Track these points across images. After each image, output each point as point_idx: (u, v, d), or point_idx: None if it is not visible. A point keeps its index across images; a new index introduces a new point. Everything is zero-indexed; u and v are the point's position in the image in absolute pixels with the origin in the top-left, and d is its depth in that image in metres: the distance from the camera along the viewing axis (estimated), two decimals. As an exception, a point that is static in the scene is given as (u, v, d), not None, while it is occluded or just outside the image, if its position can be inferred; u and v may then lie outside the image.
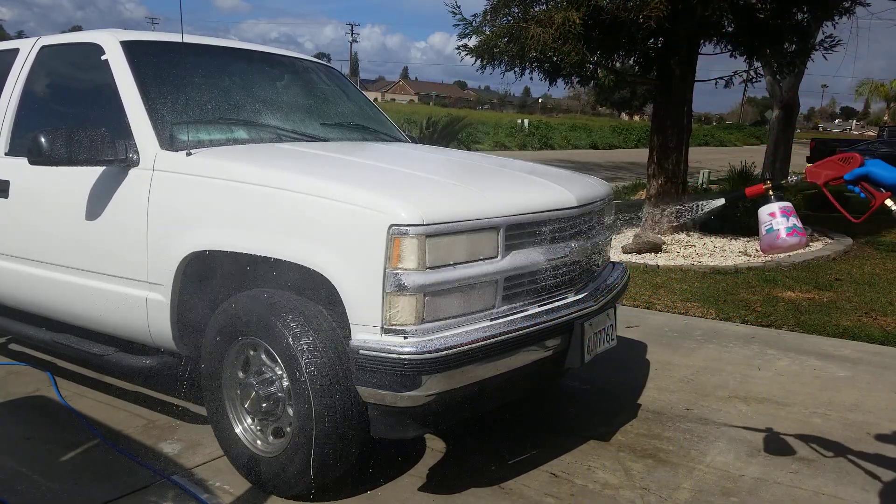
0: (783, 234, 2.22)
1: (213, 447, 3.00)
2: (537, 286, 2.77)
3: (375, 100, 9.70)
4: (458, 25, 8.14)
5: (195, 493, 2.71)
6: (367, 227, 2.36)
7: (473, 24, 8.09)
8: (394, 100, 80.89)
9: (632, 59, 8.96)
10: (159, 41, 3.45)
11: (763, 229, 2.27)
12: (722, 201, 2.45)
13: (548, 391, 3.85)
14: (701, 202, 2.50)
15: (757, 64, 8.53)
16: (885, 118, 53.52)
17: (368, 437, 2.55)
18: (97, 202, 3.04)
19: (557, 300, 2.87)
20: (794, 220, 2.23)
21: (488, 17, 7.99)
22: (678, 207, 2.57)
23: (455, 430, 3.25)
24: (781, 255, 6.69)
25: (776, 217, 2.23)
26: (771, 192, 2.25)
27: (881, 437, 3.42)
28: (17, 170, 3.33)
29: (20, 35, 47.47)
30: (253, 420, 2.79)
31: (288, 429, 2.65)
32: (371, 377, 2.36)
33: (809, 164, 2.39)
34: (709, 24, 7.33)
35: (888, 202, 2.02)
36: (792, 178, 2.73)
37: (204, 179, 2.79)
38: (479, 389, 2.62)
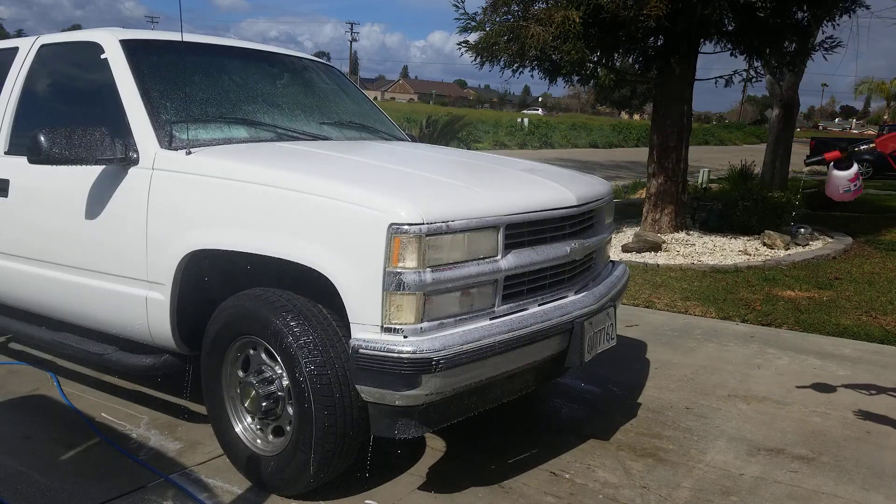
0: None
1: (212, 446, 3.00)
2: (537, 285, 2.77)
3: (375, 99, 9.70)
4: (460, 19, 8.13)
5: (194, 493, 2.71)
6: (367, 225, 2.36)
7: (475, 18, 8.08)
8: (393, 98, 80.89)
9: (631, 57, 8.96)
10: (159, 40, 3.45)
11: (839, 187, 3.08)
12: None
13: (548, 390, 3.86)
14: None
15: (757, 63, 8.53)
16: (885, 117, 53.47)
17: (368, 436, 2.56)
18: (97, 201, 3.03)
19: (557, 299, 2.87)
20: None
21: (488, 14, 7.98)
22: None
23: (455, 430, 3.24)
24: (781, 254, 7.80)
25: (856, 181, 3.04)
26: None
27: (881, 436, 3.42)
28: (17, 169, 3.33)
29: (20, 34, 47.60)
30: (253, 419, 2.79)
31: (288, 428, 2.65)
32: (370, 376, 2.36)
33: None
34: (709, 23, 7.33)
35: None
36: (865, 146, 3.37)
37: (204, 178, 2.78)
38: (479, 389, 2.62)
